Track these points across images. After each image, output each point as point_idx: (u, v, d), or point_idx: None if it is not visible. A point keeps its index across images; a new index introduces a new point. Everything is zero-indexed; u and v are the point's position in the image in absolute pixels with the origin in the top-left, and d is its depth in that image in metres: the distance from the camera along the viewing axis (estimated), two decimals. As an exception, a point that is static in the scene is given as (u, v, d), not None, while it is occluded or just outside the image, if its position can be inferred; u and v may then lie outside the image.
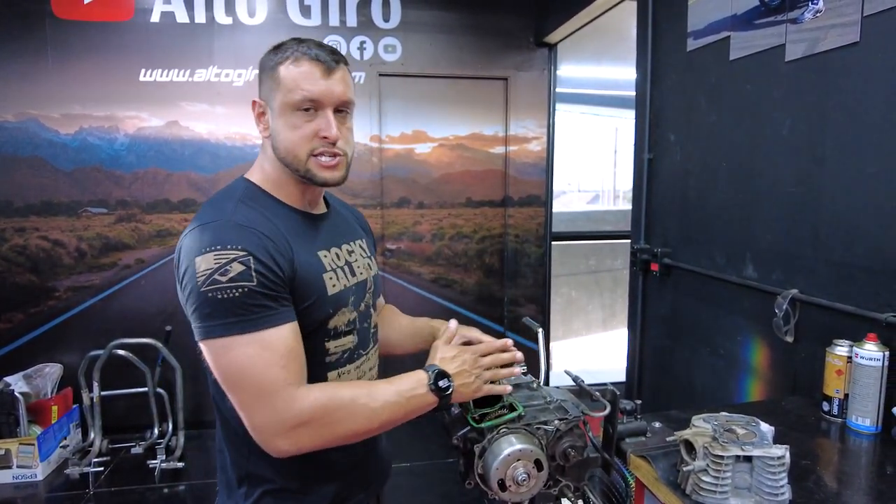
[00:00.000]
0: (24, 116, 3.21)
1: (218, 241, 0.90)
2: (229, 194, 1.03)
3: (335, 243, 1.11)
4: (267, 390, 0.90)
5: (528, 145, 3.77)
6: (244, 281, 0.89)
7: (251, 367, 0.89)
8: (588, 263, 4.74)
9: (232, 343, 0.89)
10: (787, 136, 1.67)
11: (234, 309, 0.88)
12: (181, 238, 0.96)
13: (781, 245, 1.71)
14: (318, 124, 1.00)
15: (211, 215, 0.96)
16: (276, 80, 1.00)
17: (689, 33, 2.08)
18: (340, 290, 1.06)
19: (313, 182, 1.03)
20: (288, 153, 1.01)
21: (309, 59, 0.99)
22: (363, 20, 3.46)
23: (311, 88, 0.98)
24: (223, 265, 0.88)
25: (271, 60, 1.02)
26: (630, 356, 2.62)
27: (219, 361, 0.91)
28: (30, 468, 2.93)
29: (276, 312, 0.92)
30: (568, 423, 1.12)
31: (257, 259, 0.91)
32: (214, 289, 0.88)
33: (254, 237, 0.93)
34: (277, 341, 0.91)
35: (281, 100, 0.99)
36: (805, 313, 1.61)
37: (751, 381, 1.86)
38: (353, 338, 1.10)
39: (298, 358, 0.94)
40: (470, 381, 1.03)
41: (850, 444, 1.28)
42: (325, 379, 1.05)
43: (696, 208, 2.12)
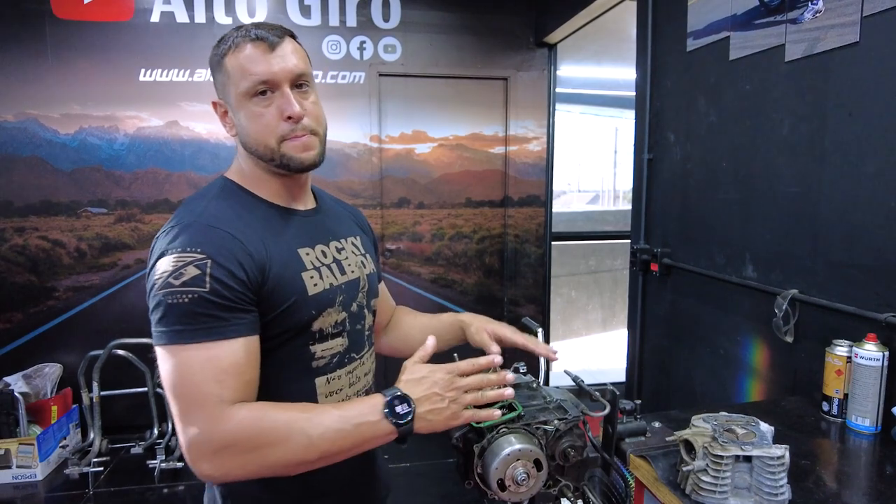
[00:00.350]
0: (24, 116, 3.21)
1: (181, 243, 0.86)
2: (204, 193, 0.98)
3: (321, 240, 1.04)
4: (197, 405, 0.83)
5: (528, 145, 3.77)
6: (196, 286, 0.83)
7: (187, 379, 0.83)
8: (588, 263, 4.74)
9: (175, 351, 0.84)
10: (787, 135, 1.67)
11: (182, 316, 0.83)
12: (154, 239, 0.93)
13: (781, 245, 1.71)
14: (279, 105, 0.93)
15: (180, 216, 0.92)
16: (225, 74, 0.94)
17: (688, 33, 2.08)
18: (324, 289, 0.99)
19: (291, 168, 0.96)
20: (258, 144, 0.95)
21: (250, 41, 0.93)
22: (363, 20, 3.46)
23: (259, 69, 0.92)
24: (179, 268, 0.84)
25: (216, 55, 0.96)
26: (630, 356, 2.62)
27: (162, 367, 0.85)
28: (29, 468, 2.93)
29: (226, 324, 0.85)
30: (567, 422, 1.11)
31: (216, 263, 0.85)
32: (167, 293, 0.83)
33: (218, 239, 0.88)
34: (222, 355, 0.84)
35: (235, 92, 0.94)
36: (805, 313, 1.61)
37: (750, 381, 1.85)
38: (342, 340, 1.03)
39: (243, 375, 0.86)
40: (442, 406, 0.89)
41: (850, 444, 1.28)
42: (312, 386, 0.98)
43: (695, 208, 2.12)
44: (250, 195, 0.99)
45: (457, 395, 0.90)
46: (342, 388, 1.03)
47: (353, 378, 1.06)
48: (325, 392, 1.00)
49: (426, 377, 0.90)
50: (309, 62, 1.00)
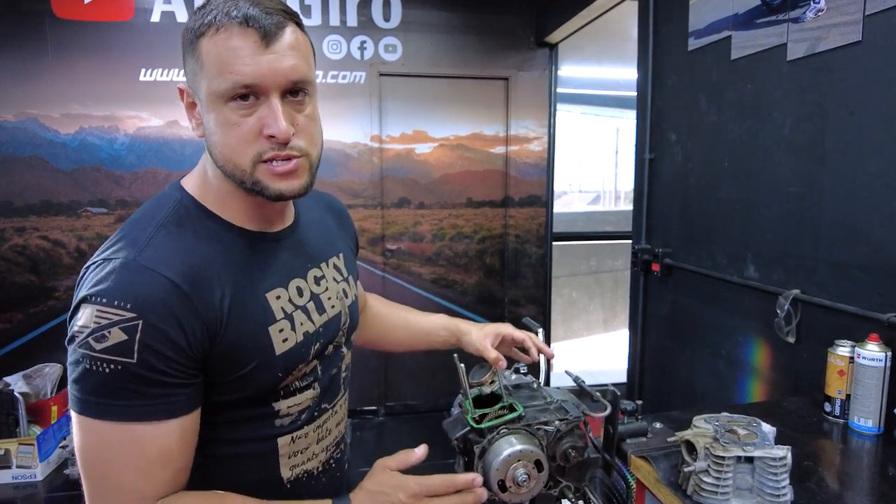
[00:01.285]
0: (24, 116, 3.21)
1: (106, 290, 0.68)
2: (152, 213, 0.77)
3: (298, 272, 0.86)
4: (111, 498, 0.70)
5: (529, 145, 3.77)
6: (120, 356, 0.66)
7: (104, 462, 0.69)
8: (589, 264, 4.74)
9: (92, 426, 0.68)
10: (789, 135, 1.66)
11: (101, 388, 0.67)
12: (84, 267, 0.74)
13: (783, 245, 1.70)
14: (262, 117, 0.72)
15: (118, 245, 0.72)
16: (198, 60, 0.72)
17: (690, 33, 2.08)
18: (296, 342, 0.82)
19: (264, 196, 0.75)
20: (226, 161, 0.74)
21: (238, 26, 0.69)
22: (363, 20, 3.46)
23: (243, 70, 0.69)
24: (101, 328, 0.66)
25: (190, 31, 0.72)
26: (631, 357, 2.61)
27: (76, 439, 0.70)
28: (29, 468, 2.92)
29: (156, 403, 0.69)
30: (568, 423, 1.11)
31: (149, 325, 0.67)
32: (85, 355, 0.67)
33: (156, 289, 0.69)
34: (151, 440, 0.69)
35: (207, 87, 0.71)
36: (807, 314, 1.60)
37: (752, 381, 1.85)
38: (312, 392, 0.87)
39: (173, 464, 0.72)
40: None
41: (852, 445, 1.28)
42: (274, 447, 0.84)
43: (697, 208, 2.11)
44: (212, 218, 0.79)
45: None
46: (308, 445, 0.89)
47: (323, 432, 0.91)
48: (287, 453, 0.85)
49: (386, 494, 0.76)
50: (312, 59, 0.78)
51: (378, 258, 3.66)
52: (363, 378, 3.58)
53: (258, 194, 0.76)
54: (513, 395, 1.17)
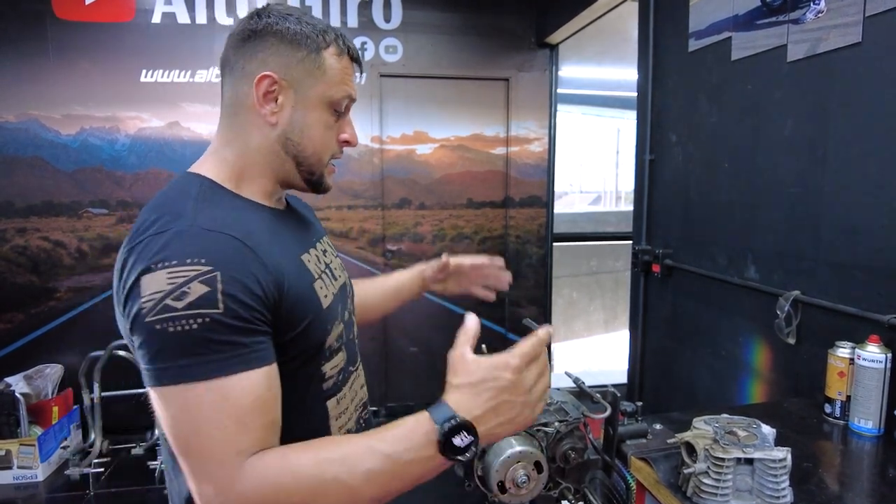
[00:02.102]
0: (25, 117, 3.21)
1: (173, 253, 0.68)
2: (182, 193, 0.78)
3: (311, 243, 0.93)
4: (213, 459, 0.67)
5: (530, 146, 3.77)
6: (207, 308, 0.66)
7: (202, 426, 0.67)
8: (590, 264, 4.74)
9: (182, 392, 0.66)
10: (789, 136, 1.66)
11: (192, 347, 0.66)
12: (121, 252, 0.73)
13: (783, 246, 1.70)
14: (344, 130, 0.89)
15: (162, 220, 0.72)
16: (319, 66, 0.83)
17: (690, 34, 2.08)
18: (333, 298, 0.89)
19: (319, 189, 0.90)
20: (314, 154, 0.86)
21: (349, 55, 0.87)
22: (364, 21, 3.46)
23: (352, 89, 0.88)
24: (179, 286, 0.66)
25: (307, 36, 0.83)
26: (631, 357, 2.61)
27: (165, 414, 0.69)
28: (30, 469, 2.93)
29: (247, 352, 0.69)
30: (568, 424, 1.11)
31: (228, 276, 0.68)
32: (166, 319, 0.65)
33: (225, 244, 0.71)
34: (243, 392, 0.68)
35: (323, 92, 0.84)
36: (807, 315, 1.60)
37: (752, 382, 1.85)
38: (343, 354, 0.91)
39: (267, 414, 0.71)
40: (513, 414, 0.70)
41: (853, 447, 1.28)
42: (324, 410, 0.87)
43: (697, 209, 2.11)
44: (236, 197, 0.83)
45: (527, 397, 0.71)
46: (347, 406, 0.93)
47: (353, 393, 0.96)
48: (335, 414, 0.89)
49: (487, 382, 0.69)
50: None
51: (378, 259, 3.66)
52: (364, 379, 3.58)
53: (315, 185, 0.89)
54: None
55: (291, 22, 0.83)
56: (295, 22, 0.83)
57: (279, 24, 0.82)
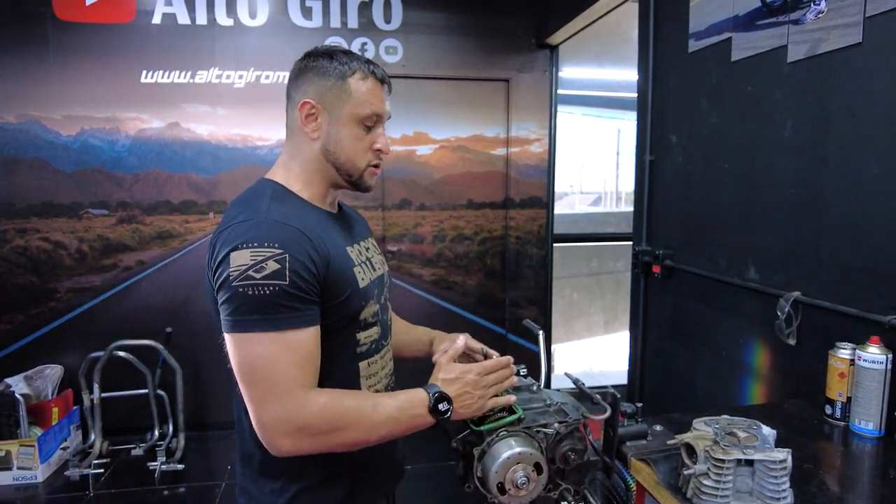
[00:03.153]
0: (26, 118, 3.21)
1: (255, 237, 0.93)
2: (259, 194, 1.04)
3: (355, 240, 1.15)
4: (280, 389, 0.92)
5: (530, 147, 3.76)
6: (277, 280, 0.91)
7: (269, 365, 0.92)
8: (590, 265, 4.73)
9: (255, 339, 0.92)
10: (789, 137, 1.66)
11: (263, 307, 0.91)
12: (213, 236, 0.99)
13: (783, 247, 1.70)
14: (376, 139, 1.08)
15: (247, 213, 0.98)
16: (345, 91, 1.04)
17: (690, 34, 2.08)
18: (368, 283, 1.10)
19: (360, 188, 1.10)
20: (348, 161, 1.07)
21: (375, 78, 1.06)
22: (364, 21, 3.46)
23: (379, 106, 1.07)
24: (259, 262, 0.91)
25: (335, 69, 1.05)
26: (632, 359, 2.60)
27: (239, 354, 0.93)
28: (30, 470, 2.92)
29: (302, 314, 0.94)
30: (568, 426, 1.11)
31: (293, 258, 0.93)
32: (247, 284, 0.90)
33: (291, 235, 0.95)
34: (299, 343, 0.94)
35: (351, 111, 1.05)
36: (807, 316, 1.60)
37: (753, 384, 1.84)
38: (377, 329, 1.14)
39: (315, 362, 0.97)
40: (471, 401, 1.04)
41: (854, 448, 1.27)
42: (356, 368, 1.09)
43: (697, 210, 2.11)
44: (299, 199, 1.07)
45: (484, 391, 1.05)
46: (377, 371, 1.14)
47: (384, 362, 1.18)
48: (366, 374, 1.11)
49: (459, 377, 1.03)
50: None
51: (379, 260, 3.66)
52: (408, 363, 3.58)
53: (356, 187, 1.10)
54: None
55: (324, 58, 1.06)
56: (327, 58, 1.05)
57: (315, 62, 1.06)
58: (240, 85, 3.37)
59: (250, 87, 3.37)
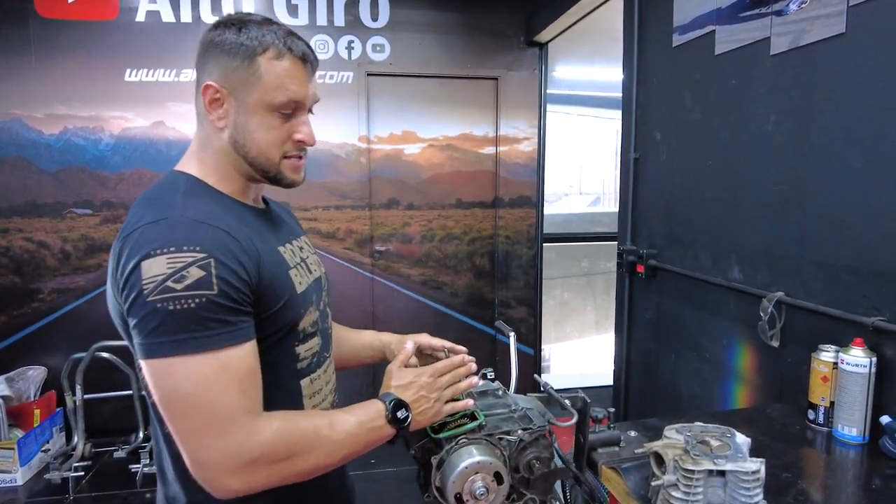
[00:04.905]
0: (8, 116, 3.17)
1: (171, 241, 0.77)
2: (170, 189, 0.88)
3: (287, 239, 1.01)
4: (222, 418, 0.78)
5: (519, 146, 3.71)
6: (203, 289, 0.76)
7: (204, 392, 0.77)
8: (581, 265, 4.68)
9: (182, 363, 0.76)
10: (772, 131, 1.61)
11: (189, 323, 0.76)
12: (116, 242, 0.82)
13: (766, 245, 1.65)
14: (297, 128, 0.92)
15: (156, 212, 0.81)
16: (253, 73, 0.87)
17: (674, 28, 2.03)
18: (306, 287, 0.97)
19: (281, 183, 0.94)
20: (260, 153, 0.91)
21: (293, 57, 0.89)
22: (351, 19, 3.41)
23: (299, 91, 0.89)
24: (178, 270, 0.75)
25: (245, 47, 0.87)
26: (617, 360, 2.55)
27: (164, 383, 0.78)
28: (9, 473, 2.88)
29: (236, 328, 0.80)
30: (532, 433, 1.06)
31: (219, 262, 0.78)
32: (166, 298, 0.75)
33: (214, 235, 0.80)
34: (236, 362, 0.79)
35: (261, 97, 0.88)
36: (791, 317, 1.55)
37: (737, 386, 1.79)
38: (318, 339, 1.00)
39: (257, 382, 0.83)
40: (428, 406, 0.96)
41: (836, 456, 1.22)
42: (298, 388, 0.96)
43: (681, 208, 2.06)
44: (218, 193, 0.92)
45: (439, 394, 0.98)
46: (321, 388, 1.02)
47: (327, 377, 1.05)
48: (308, 393, 0.98)
49: (413, 382, 0.96)
50: None
51: (366, 260, 3.61)
52: (352, 379, 3.52)
53: (276, 181, 0.94)
54: (476, 402, 1.12)
55: (232, 32, 0.88)
56: (235, 32, 0.88)
57: (220, 36, 0.88)
58: (225, 83, 3.32)
59: (235, 85, 3.33)
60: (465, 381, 1.03)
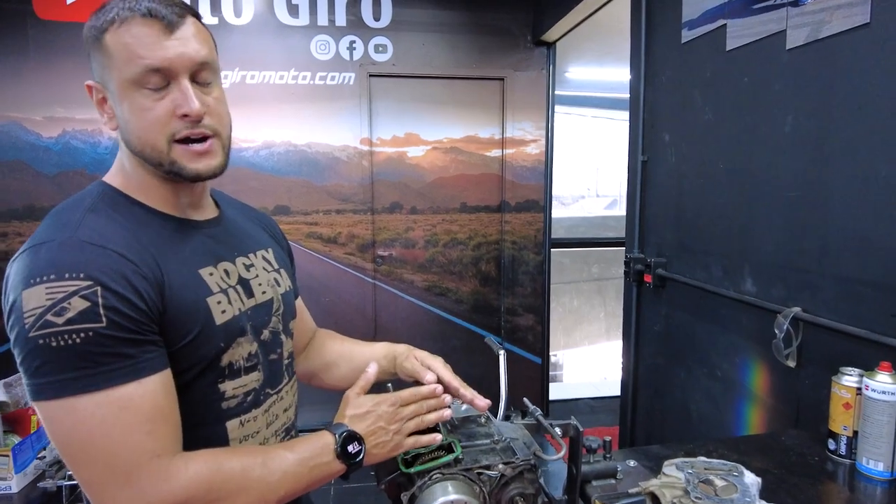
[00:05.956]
0: (6, 119, 3.14)
1: (52, 267, 0.68)
2: (77, 203, 0.80)
3: (225, 256, 0.89)
4: (126, 466, 0.69)
5: (526, 148, 3.60)
6: (88, 322, 0.67)
7: (102, 437, 0.68)
8: (591, 271, 4.55)
9: (73, 405, 0.67)
10: (789, 133, 1.48)
11: (75, 360, 0.67)
12: (9, 264, 0.74)
13: (783, 256, 1.52)
14: (174, 99, 0.77)
15: (48, 232, 0.73)
16: (105, 53, 0.77)
17: (683, 24, 1.91)
18: (233, 315, 0.85)
19: (182, 177, 0.80)
20: (143, 144, 0.78)
21: (141, 18, 0.75)
22: (353, 19, 3.33)
23: (152, 55, 0.75)
24: (59, 301, 0.67)
25: (93, 29, 0.77)
26: (624, 373, 2.43)
27: (58, 428, 0.69)
28: (4, 480, 2.82)
29: (136, 362, 0.70)
30: (515, 467, 0.95)
31: (108, 290, 0.69)
32: (47, 334, 0.66)
33: (104, 259, 0.71)
34: (139, 399, 0.70)
35: (119, 78, 0.76)
36: (809, 335, 1.42)
37: (750, 408, 1.66)
38: (257, 375, 0.89)
39: (169, 420, 0.73)
40: (386, 439, 0.87)
41: (860, 492, 1.10)
42: (223, 430, 0.84)
43: (691, 214, 1.93)
44: (137, 205, 0.82)
45: (400, 425, 0.88)
46: (258, 430, 0.90)
47: (271, 417, 0.92)
48: (237, 437, 0.86)
49: (371, 411, 0.87)
50: (215, 49, 0.85)
51: (369, 265, 3.53)
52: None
53: (176, 175, 0.80)
54: (455, 430, 1.02)
55: (91, 19, 0.79)
56: (91, 20, 0.78)
57: (85, 31, 0.80)
58: (224, 85, 3.24)
59: (235, 88, 3.26)
60: (433, 414, 0.91)
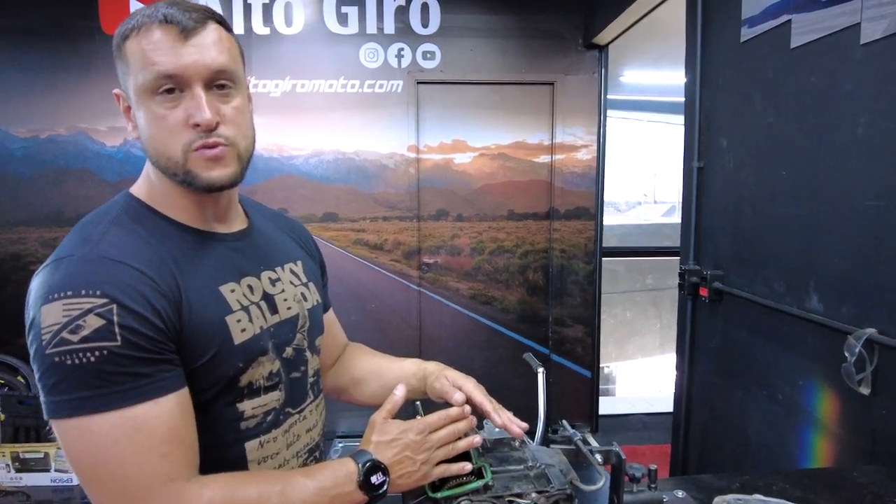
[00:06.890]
0: (75, 129, 3.32)
1: (70, 284, 0.68)
2: (101, 215, 0.80)
3: (250, 271, 0.87)
4: (137, 490, 0.68)
5: (577, 154, 3.50)
6: (103, 340, 0.66)
7: (114, 459, 0.68)
8: (645, 281, 4.37)
9: (87, 424, 0.67)
10: (863, 136, 1.35)
11: (90, 379, 0.66)
12: (32, 278, 0.74)
13: (855, 272, 1.38)
14: (187, 108, 0.75)
15: (69, 247, 0.73)
16: (124, 61, 0.77)
17: (743, 21, 1.79)
18: (253, 335, 0.83)
19: (195, 186, 0.78)
20: (159, 154, 0.77)
21: (158, 24, 0.74)
22: (401, 26, 3.34)
23: (164, 61, 0.73)
24: (74, 319, 0.66)
25: (117, 37, 0.78)
26: (677, 391, 2.30)
27: (73, 447, 0.69)
28: (67, 472, 2.97)
29: (151, 381, 0.70)
30: (550, 496, 0.89)
31: (124, 308, 0.68)
32: (63, 352, 0.66)
33: (122, 275, 0.71)
34: (155, 421, 0.69)
35: (134, 86, 0.76)
36: (886, 359, 1.28)
37: (816, 437, 1.52)
38: (278, 394, 0.87)
39: (185, 443, 0.72)
40: (413, 469, 0.83)
41: (944, 540, 0.97)
42: (241, 451, 0.83)
43: (750, 225, 1.80)
44: (161, 217, 0.81)
45: (428, 455, 0.85)
46: (279, 451, 0.88)
47: (292, 437, 0.90)
48: (256, 458, 0.84)
49: (397, 439, 0.84)
50: (240, 56, 0.83)
51: (414, 272, 3.51)
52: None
53: (190, 185, 0.78)
54: (487, 454, 0.96)
55: (118, 28, 0.79)
56: (120, 27, 0.79)
57: (113, 38, 0.80)
58: (276, 94, 3.33)
59: (286, 96, 3.33)
60: (463, 441, 0.88)
